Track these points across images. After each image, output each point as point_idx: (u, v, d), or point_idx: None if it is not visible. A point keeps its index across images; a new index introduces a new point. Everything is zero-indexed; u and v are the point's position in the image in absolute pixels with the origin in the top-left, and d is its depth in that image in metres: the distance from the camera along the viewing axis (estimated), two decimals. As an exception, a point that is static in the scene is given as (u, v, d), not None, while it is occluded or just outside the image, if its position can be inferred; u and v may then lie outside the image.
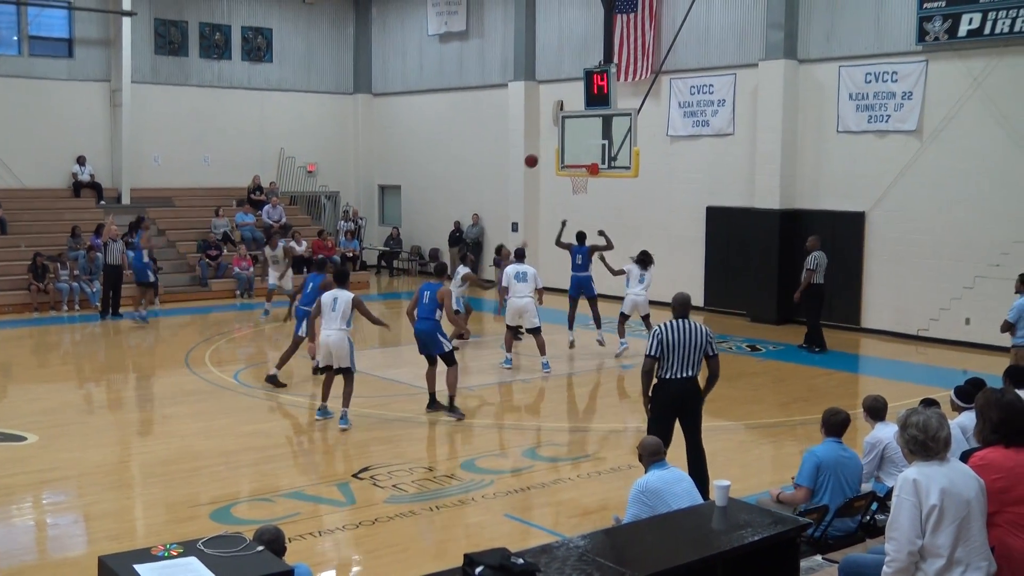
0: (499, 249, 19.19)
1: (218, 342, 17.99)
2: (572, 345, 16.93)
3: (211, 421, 12.59)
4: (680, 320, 9.01)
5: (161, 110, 26.26)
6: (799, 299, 17.26)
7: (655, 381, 9.02)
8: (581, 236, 17.54)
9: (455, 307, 16.11)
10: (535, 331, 15.69)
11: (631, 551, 5.77)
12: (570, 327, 17.21)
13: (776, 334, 18.83)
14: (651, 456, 7.15)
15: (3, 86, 24.10)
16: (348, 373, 12.18)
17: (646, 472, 7.13)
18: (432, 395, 12.90)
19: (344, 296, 12.04)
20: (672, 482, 6.94)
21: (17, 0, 24.01)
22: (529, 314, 15.66)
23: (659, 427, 8.86)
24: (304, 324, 13.81)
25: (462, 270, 17.52)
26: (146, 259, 20.02)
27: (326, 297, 12.17)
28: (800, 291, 17.11)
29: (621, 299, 16.96)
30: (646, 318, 16.63)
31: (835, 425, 7.61)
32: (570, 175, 16.41)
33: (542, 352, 15.67)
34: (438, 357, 12.67)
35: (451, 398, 12.71)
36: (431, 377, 12.85)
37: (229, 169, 27.39)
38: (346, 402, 12.17)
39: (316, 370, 13.72)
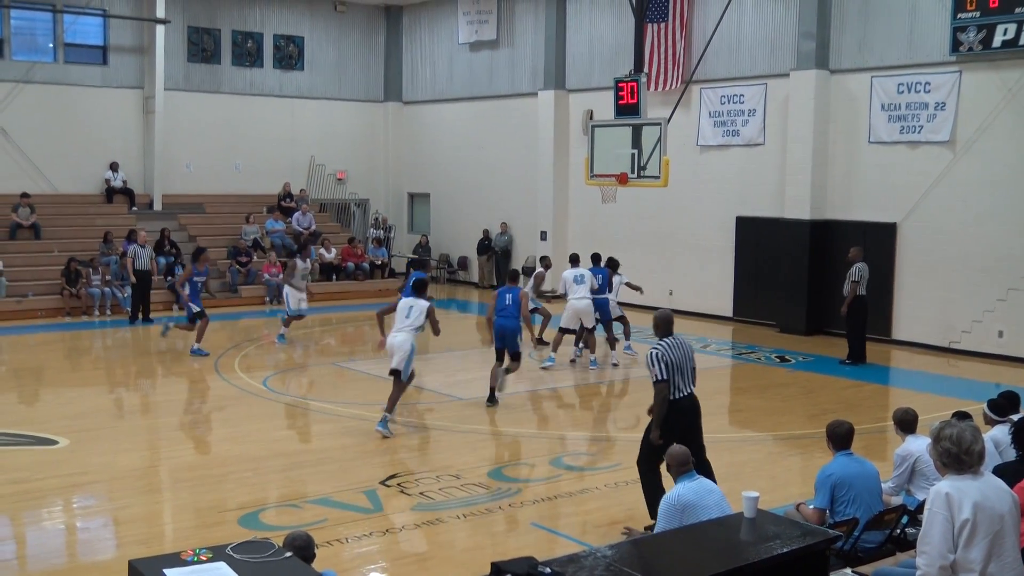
0: (544, 259, 19.06)
1: (247, 348, 18.08)
2: (573, 361, 16.89)
3: (240, 427, 12.65)
4: (671, 338, 8.83)
5: (193, 117, 26.47)
6: (846, 313, 16.84)
7: None
8: (596, 257, 17.57)
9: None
10: (591, 330, 16.45)
11: (659, 562, 5.74)
12: (577, 344, 17.07)
13: (806, 345, 18.71)
14: (680, 467, 7.12)
15: (38, 93, 24.38)
16: (399, 377, 12.34)
17: (675, 483, 7.10)
18: (492, 390, 13.76)
19: (420, 305, 12.37)
20: (704, 494, 6.90)
21: (53, 8, 24.29)
22: (588, 315, 16.28)
23: (656, 448, 8.66)
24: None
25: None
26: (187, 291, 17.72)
27: (403, 303, 12.56)
28: (847, 304, 16.69)
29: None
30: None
31: (841, 437, 7.53)
32: (599, 184, 16.41)
33: (592, 350, 16.52)
34: (507, 354, 13.79)
35: (493, 389, 13.72)
36: (496, 373, 13.75)
37: (260, 176, 27.57)
38: (390, 407, 12.30)
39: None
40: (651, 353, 8.68)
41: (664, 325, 8.91)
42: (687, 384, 8.78)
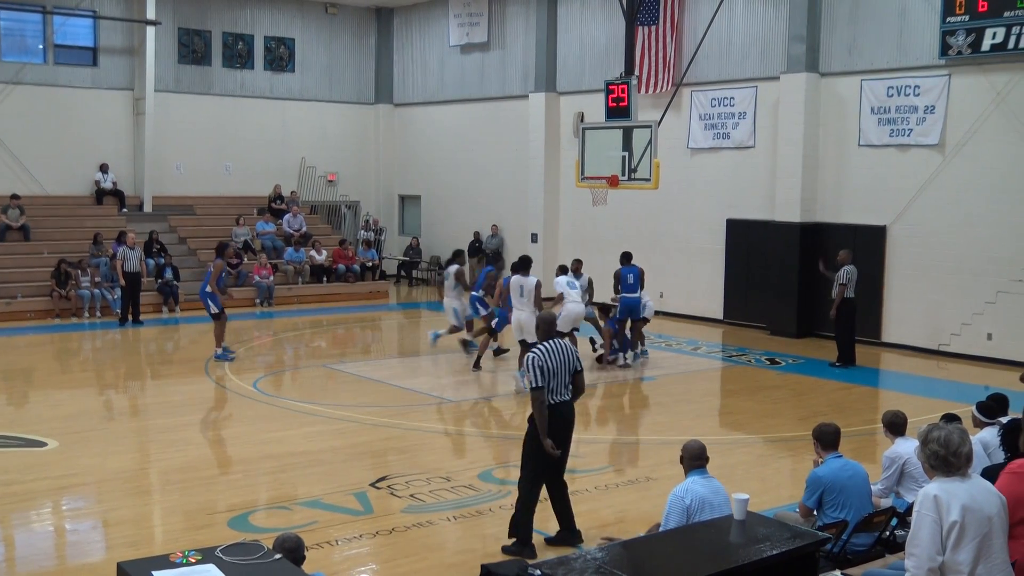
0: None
1: (238, 350, 18.04)
2: (626, 364, 16.89)
3: (229, 429, 12.64)
4: (552, 341, 8.57)
5: (183, 119, 26.42)
6: (835, 315, 16.90)
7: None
8: (627, 256, 17.35)
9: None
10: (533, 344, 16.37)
11: (649, 564, 5.74)
12: (624, 349, 16.94)
13: (796, 347, 18.75)
14: (694, 460, 6.96)
15: (28, 94, 24.31)
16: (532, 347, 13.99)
17: (686, 477, 6.94)
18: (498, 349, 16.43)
19: (529, 282, 14.87)
20: (714, 491, 6.79)
21: (43, 9, 24.22)
22: (580, 319, 16.35)
23: (545, 458, 8.43)
24: (479, 307, 16.74)
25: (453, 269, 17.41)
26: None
27: (513, 283, 15.05)
28: (835, 307, 16.78)
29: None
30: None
31: (828, 438, 7.52)
32: (590, 186, 16.42)
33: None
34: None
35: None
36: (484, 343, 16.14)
37: (250, 178, 27.55)
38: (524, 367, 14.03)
39: (496, 352, 16.99)
40: (528, 358, 8.42)
41: (546, 327, 8.73)
42: (561, 390, 8.46)
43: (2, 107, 23.86)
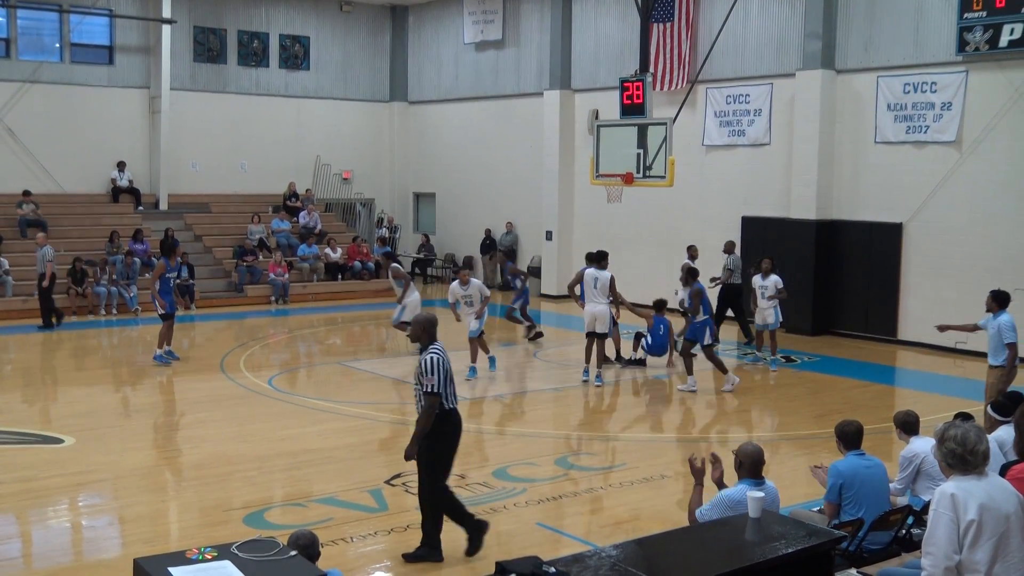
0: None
1: (253, 347, 18.09)
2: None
3: (245, 426, 12.67)
4: (439, 344, 8.17)
5: (199, 117, 26.51)
6: (720, 297, 18.57)
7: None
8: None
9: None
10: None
11: (663, 562, 5.73)
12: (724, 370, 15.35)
13: (811, 345, 18.68)
14: (753, 465, 6.68)
15: (45, 92, 24.43)
16: (603, 339, 15.15)
17: (739, 482, 6.66)
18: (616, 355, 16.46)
19: (604, 276, 14.96)
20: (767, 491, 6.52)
21: (60, 8, 24.33)
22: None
23: (448, 466, 8.39)
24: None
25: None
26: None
27: (588, 276, 15.12)
28: (720, 282, 18.56)
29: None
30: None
31: (850, 436, 7.50)
32: (605, 184, 16.39)
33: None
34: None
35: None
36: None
37: (265, 176, 27.62)
38: (599, 363, 15.20)
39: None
40: (430, 359, 7.98)
41: (429, 329, 8.23)
42: (456, 394, 8.24)
43: (19, 105, 23.99)
